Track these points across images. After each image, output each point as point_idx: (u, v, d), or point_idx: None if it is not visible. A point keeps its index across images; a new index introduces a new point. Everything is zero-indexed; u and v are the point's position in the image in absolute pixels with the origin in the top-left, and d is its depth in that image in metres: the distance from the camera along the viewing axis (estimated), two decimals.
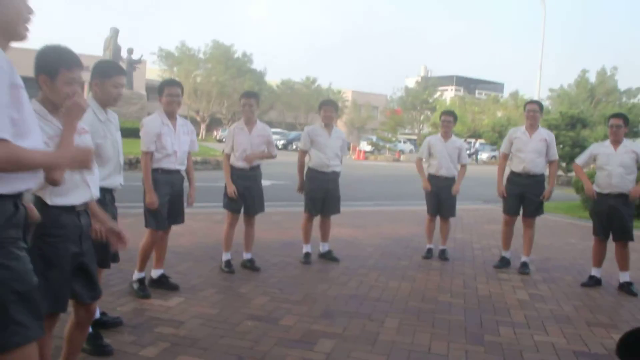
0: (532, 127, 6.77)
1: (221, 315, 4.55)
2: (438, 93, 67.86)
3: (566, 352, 4.20)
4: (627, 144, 6.16)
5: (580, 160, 6.47)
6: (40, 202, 2.67)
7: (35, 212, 2.54)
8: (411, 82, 73.88)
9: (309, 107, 61.27)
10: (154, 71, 51.48)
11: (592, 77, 53.01)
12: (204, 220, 8.81)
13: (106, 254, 3.59)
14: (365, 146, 43.96)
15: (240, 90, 53.88)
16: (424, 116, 64.69)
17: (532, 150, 6.66)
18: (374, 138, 46.47)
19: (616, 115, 6.29)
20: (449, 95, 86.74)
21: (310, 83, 64.92)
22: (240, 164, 5.93)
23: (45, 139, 2.44)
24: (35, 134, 2.07)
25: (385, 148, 43.41)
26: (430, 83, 68.74)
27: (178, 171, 5.08)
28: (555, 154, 6.79)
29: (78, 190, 2.80)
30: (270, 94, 60.53)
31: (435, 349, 4.10)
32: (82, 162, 2.29)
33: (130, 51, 26.74)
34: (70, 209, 2.79)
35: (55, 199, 2.71)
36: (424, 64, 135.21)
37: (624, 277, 6.10)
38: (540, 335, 4.54)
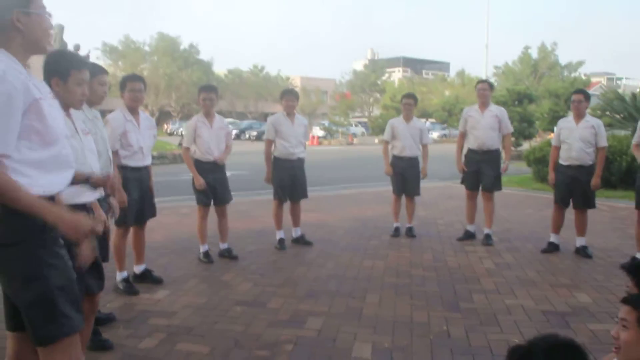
0: (483, 105, 7.14)
1: (210, 303, 4.73)
2: (386, 75, 68.68)
3: (535, 311, 4.56)
4: (589, 118, 6.54)
5: (553, 140, 6.86)
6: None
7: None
8: (359, 66, 74.49)
9: (258, 95, 61.13)
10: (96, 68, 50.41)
11: (535, 54, 54.51)
12: (172, 214, 8.89)
13: (106, 248, 3.73)
14: (318, 131, 44.21)
15: (188, 82, 53.62)
16: (373, 99, 65.40)
17: (485, 127, 7.03)
18: (327, 123, 46.79)
19: (578, 91, 6.70)
20: (396, 76, 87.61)
21: (259, 71, 64.74)
22: (206, 156, 6.05)
23: None
24: (62, 141, 2.23)
25: (338, 132, 43.77)
26: (377, 65, 69.48)
27: (146, 167, 5.14)
28: (508, 128, 7.19)
29: (90, 189, 2.95)
30: (219, 83, 60.03)
31: (417, 319, 4.39)
32: (79, 231, 2.20)
33: (77, 47, 25.99)
34: (82, 207, 2.93)
35: (71, 199, 2.83)
36: (371, 46, 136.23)
37: (581, 241, 6.53)
38: (510, 299, 4.89)
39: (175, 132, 48.67)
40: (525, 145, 22.86)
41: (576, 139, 6.40)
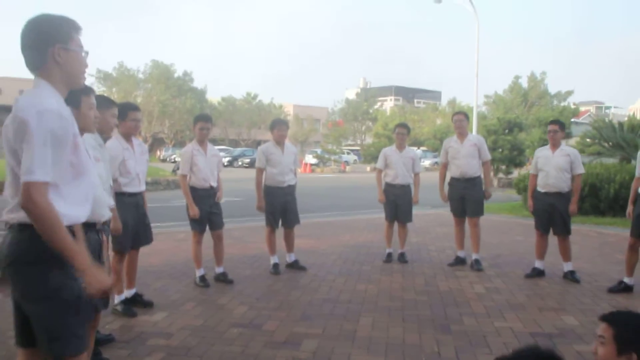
0: (461, 135, 7.40)
1: (207, 325, 4.84)
2: (378, 104, 69.33)
3: (523, 334, 4.70)
4: (564, 147, 6.80)
5: (531, 169, 7.10)
6: None
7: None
8: (351, 94, 75.26)
9: (252, 122, 61.51)
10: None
11: (525, 83, 55.36)
12: (167, 239, 9.00)
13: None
14: (310, 159, 44.42)
15: (182, 109, 54.02)
16: (365, 127, 65.91)
17: (465, 156, 7.29)
18: (319, 151, 47.04)
19: (553, 122, 6.97)
20: (388, 105, 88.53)
21: (252, 99, 65.22)
22: (202, 183, 6.21)
23: None
24: (90, 171, 2.42)
25: (330, 160, 43.99)
26: (369, 94, 70.19)
27: (141, 193, 5.30)
28: (486, 155, 7.43)
29: (99, 209, 3.10)
30: (213, 111, 60.47)
31: (409, 340, 4.52)
32: (99, 287, 2.30)
33: None
34: (92, 226, 3.06)
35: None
36: (363, 75, 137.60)
37: (568, 266, 6.70)
38: (500, 322, 5.03)
39: (168, 159, 48.83)
40: (516, 173, 23.14)
41: (552, 166, 6.65)
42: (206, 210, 6.20)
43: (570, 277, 6.61)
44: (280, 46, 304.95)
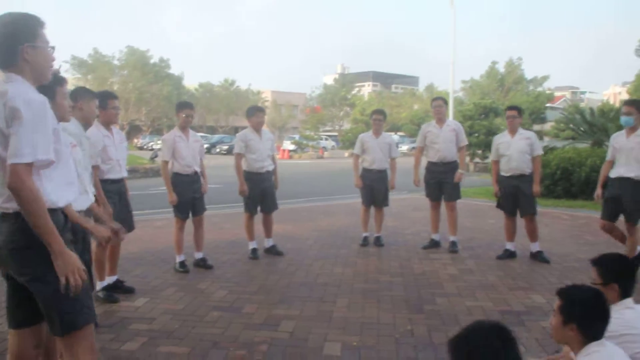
0: (440, 120, 7.55)
1: (188, 309, 4.96)
2: (356, 89, 69.32)
3: (493, 312, 4.90)
4: (522, 131, 7.05)
5: (492, 155, 7.29)
6: (51, 210, 3.04)
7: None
8: (329, 80, 75.15)
9: (229, 109, 61.21)
10: (68, 80, 50.05)
11: (502, 68, 55.79)
12: (146, 227, 9.06)
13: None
14: (289, 145, 44.48)
15: (159, 96, 53.52)
16: (343, 112, 65.97)
17: (444, 140, 7.45)
18: (297, 137, 47.09)
19: (511, 108, 7.22)
20: (366, 91, 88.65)
21: (229, 85, 64.87)
22: (185, 169, 6.30)
23: None
24: (70, 161, 2.59)
25: (308, 146, 44.10)
26: (347, 80, 70.18)
27: (123, 179, 5.41)
28: (464, 140, 7.61)
29: (82, 197, 3.20)
30: (190, 97, 60.04)
31: (384, 320, 4.69)
32: (67, 268, 2.41)
33: None
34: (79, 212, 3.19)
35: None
36: (341, 61, 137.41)
37: (535, 247, 6.94)
38: (471, 301, 5.23)
39: (145, 146, 48.48)
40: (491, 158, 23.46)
41: (514, 150, 6.88)
42: (190, 196, 6.30)
43: (539, 257, 6.84)
44: (258, 32, 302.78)
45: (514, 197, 6.94)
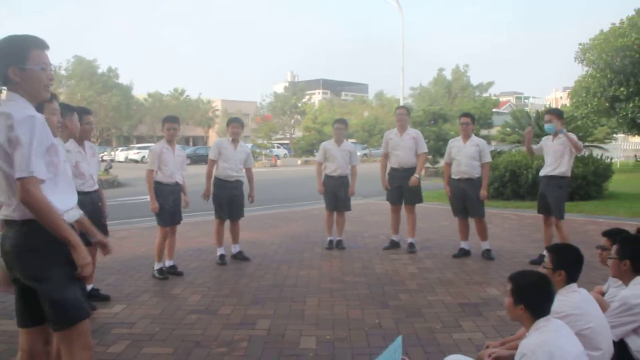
0: (402, 128, 7.98)
1: (165, 313, 5.18)
2: (306, 97, 69.75)
3: (453, 304, 5.31)
4: (474, 138, 7.57)
5: (445, 158, 7.77)
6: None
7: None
8: (279, 88, 75.36)
9: (180, 118, 60.61)
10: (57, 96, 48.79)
11: (449, 75, 57.14)
12: (110, 238, 9.11)
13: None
14: None
15: (107, 106, 52.68)
16: (294, 120, 66.29)
17: (403, 148, 7.87)
18: (250, 145, 47.13)
19: (465, 115, 7.73)
20: (317, 98, 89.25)
21: (179, 94, 64.41)
22: (168, 179, 6.53)
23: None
24: (67, 169, 2.86)
25: (261, 155, 44.23)
26: (298, 88, 70.51)
27: (96, 191, 5.58)
28: (423, 148, 8.03)
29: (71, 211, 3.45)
30: (139, 107, 59.37)
31: (353, 315, 5.04)
32: (85, 261, 2.68)
33: None
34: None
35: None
36: (290, 69, 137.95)
37: (485, 245, 7.45)
38: (432, 295, 5.63)
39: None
40: (442, 163, 24.18)
41: (464, 155, 7.41)
42: (170, 205, 6.50)
43: (486, 255, 7.35)
44: (207, 40, 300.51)
45: (463, 199, 7.42)
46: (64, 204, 2.76)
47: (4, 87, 2.69)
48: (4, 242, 2.72)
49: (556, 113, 7.04)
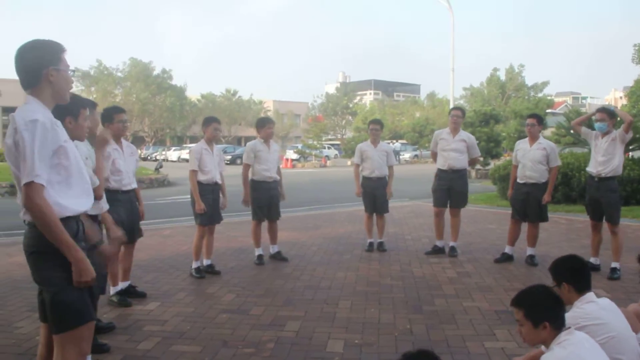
0: (454, 130, 7.79)
1: (198, 312, 5.22)
2: (358, 98, 69.66)
3: (489, 312, 5.15)
4: (542, 141, 7.22)
5: (513, 160, 7.56)
6: (66, 218, 3.30)
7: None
8: (331, 89, 75.45)
9: (232, 119, 61.56)
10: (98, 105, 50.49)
11: (503, 75, 56.04)
12: (154, 236, 9.32)
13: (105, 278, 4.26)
14: (291, 155, 44.77)
15: (161, 107, 54.00)
16: (345, 121, 66.29)
17: (454, 149, 7.68)
18: (300, 146, 47.38)
19: (531, 116, 7.43)
20: (368, 99, 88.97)
21: (231, 95, 65.28)
22: (208, 178, 6.58)
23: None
24: (83, 171, 2.86)
25: (311, 155, 44.38)
26: (349, 88, 70.62)
27: (133, 190, 5.65)
28: (476, 152, 7.85)
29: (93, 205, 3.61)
30: (192, 108, 60.50)
31: (384, 320, 4.94)
32: (83, 275, 2.67)
33: None
34: (95, 217, 3.54)
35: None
36: (342, 70, 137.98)
37: (530, 251, 7.21)
38: (468, 302, 5.48)
39: (149, 157, 48.82)
40: (492, 164, 23.69)
41: (529, 159, 7.08)
42: (209, 205, 6.56)
43: (530, 261, 7.11)
44: (260, 42, 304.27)
45: (524, 203, 7.17)
46: (78, 205, 2.80)
47: (27, 91, 2.74)
48: (23, 242, 2.79)
49: (608, 112, 6.61)
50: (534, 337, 2.73)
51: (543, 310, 2.68)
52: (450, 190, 7.70)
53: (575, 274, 3.10)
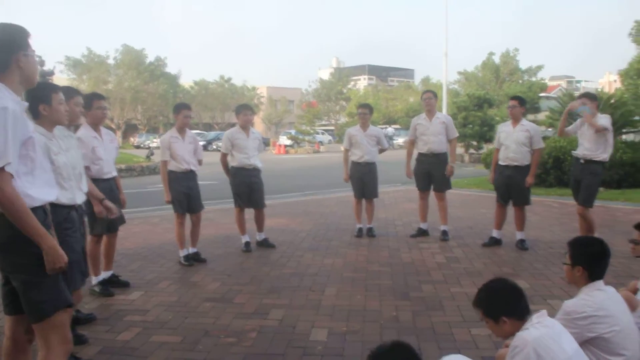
0: (430, 113, 7.70)
1: (181, 301, 5.12)
2: (352, 83, 69.36)
3: None
4: (525, 123, 7.12)
5: (494, 143, 7.47)
6: (53, 205, 3.19)
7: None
8: (325, 74, 75.17)
9: (225, 106, 61.17)
10: (62, 81, 49.92)
11: (497, 59, 55.74)
12: (142, 224, 9.21)
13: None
14: (285, 140, 44.59)
15: (154, 95, 53.58)
16: (339, 106, 66.08)
17: (433, 133, 7.59)
18: (293, 132, 47.21)
19: (513, 98, 7.30)
20: (362, 84, 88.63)
21: (225, 82, 64.83)
22: (182, 167, 6.46)
23: (52, 156, 3.24)
24: (46, 163, 2.83)
25: (304, 141, 44.22)
26: (343, 74, 70.26)
27: (114, 178, 5.53)
28: (453, 133, 7.76)
29: (78, 193, 3.49)
30: (185, 95, 60.06)
31: (370, 307, 4.86)
32: (56, 262, 2.62)
33: (41, 63, 26.10)
34: (73, 207, 3.59)
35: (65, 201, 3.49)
36: (336, 55, 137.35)
37: (520, 235, 7.12)
38: (456, 287, 5.40)
39: (142, 145, 48.54)
40: (486, 148, 23.62)
41: (512, 141, 6.97)
42: (184, 192, 6.44)
43: (520, 245, 7.02)
44: (252, 28, 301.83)
45: (507, 186, 7.07)
46: (45, 195, 2.74)
47: None
48: None
49: (588, 96, 6.73)
50: (500, 332, 2.74)
51: (498, 306, 2.69)
52: (430, 174, 7.64)
53: (595, 261, 3.01)
